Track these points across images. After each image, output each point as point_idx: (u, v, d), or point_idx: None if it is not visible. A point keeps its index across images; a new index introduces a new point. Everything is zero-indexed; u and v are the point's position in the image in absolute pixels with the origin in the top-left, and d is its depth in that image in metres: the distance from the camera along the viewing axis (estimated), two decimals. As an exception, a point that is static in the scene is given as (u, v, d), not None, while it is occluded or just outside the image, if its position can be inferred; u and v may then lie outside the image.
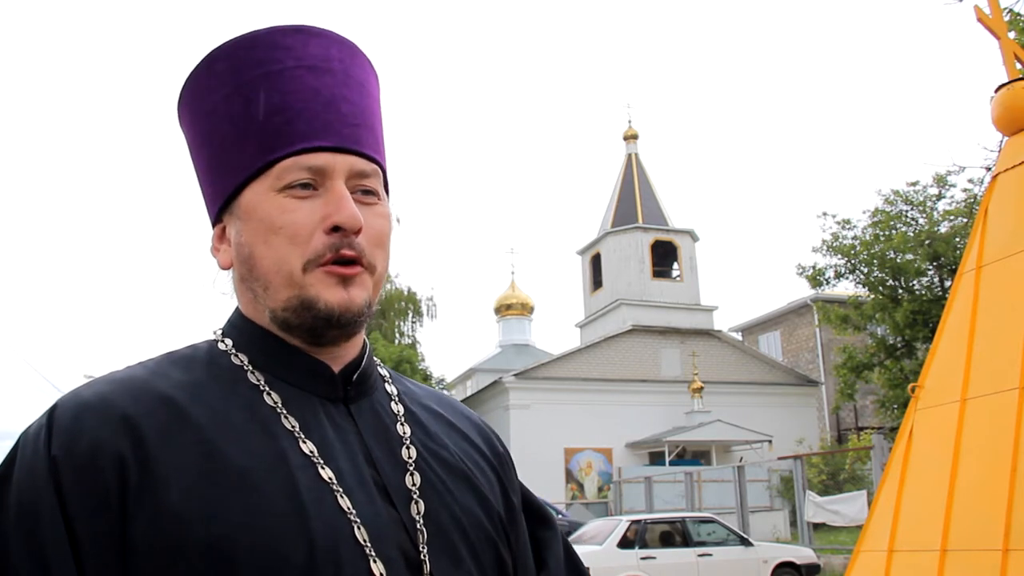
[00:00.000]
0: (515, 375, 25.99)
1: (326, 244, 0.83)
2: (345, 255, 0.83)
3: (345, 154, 0.86)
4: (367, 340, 0.95)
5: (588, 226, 64.91)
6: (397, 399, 0.95)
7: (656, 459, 24.98)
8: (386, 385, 0.97)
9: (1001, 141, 2.75)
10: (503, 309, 38.74)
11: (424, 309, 33.37)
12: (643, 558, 11.33)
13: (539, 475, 23.81)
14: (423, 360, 28.42)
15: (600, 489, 25.13)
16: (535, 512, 1.04)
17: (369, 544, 0.78)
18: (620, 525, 11.76)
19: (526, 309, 38.80)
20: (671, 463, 23.92)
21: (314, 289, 0.83)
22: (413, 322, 33.14)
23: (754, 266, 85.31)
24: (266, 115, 0.86)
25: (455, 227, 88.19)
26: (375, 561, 0.78)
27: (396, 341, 30.30)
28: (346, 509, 0.79)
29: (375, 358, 0.97)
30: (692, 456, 25.35)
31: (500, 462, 1.01)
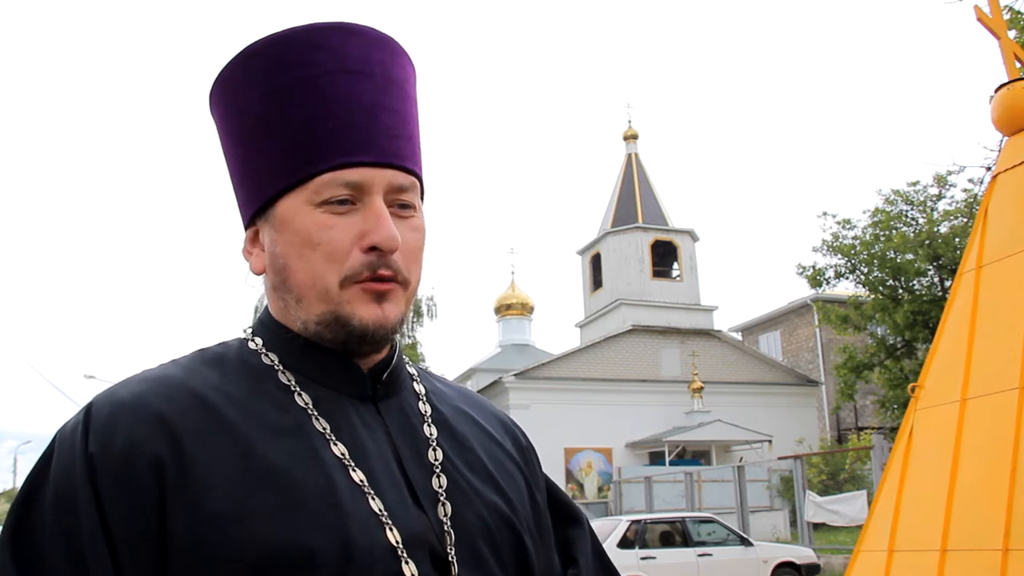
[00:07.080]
0: (515, 375, 25.99)
1: (363, 263, 0.82)
2: (382, 275, 0.83)
3: (384, 168, 0.84)
4: (396, 339, 0.94)
5: (588, 226, 64.92)
6: (425, 399, 0.95)
7: (656, 459, 24.97)
8: (414, 384, 0.96)
9: (1001, 141, 2.75)
10: (503, 309, 38.68)
11: (424, 309, 33.33)
12: (643, 558, 11.33)
13: (539, 475, 23.79)
14: (423, 360, 28.40)
15: (600, 489, 25.11)
16: (563, 510, 1.04)
17: (401, 546, 0.78)
18: (620, 525, 11.76)
19: (526, 309, 38.74)
20: (671, 463, 23.91)
21: (350, 306, 0.83)
22: (413, 322, 33.12)
23: (754, 266, 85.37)
24: (305, 124, 0.83)
25: (455, 227, 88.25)
26: (407, 562, 0.78)
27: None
28: (378, 511, 0.79)
29: (404, 356, 0.96)
30: (692, 456, 25.34)
31: (525, 459, 1.01)
